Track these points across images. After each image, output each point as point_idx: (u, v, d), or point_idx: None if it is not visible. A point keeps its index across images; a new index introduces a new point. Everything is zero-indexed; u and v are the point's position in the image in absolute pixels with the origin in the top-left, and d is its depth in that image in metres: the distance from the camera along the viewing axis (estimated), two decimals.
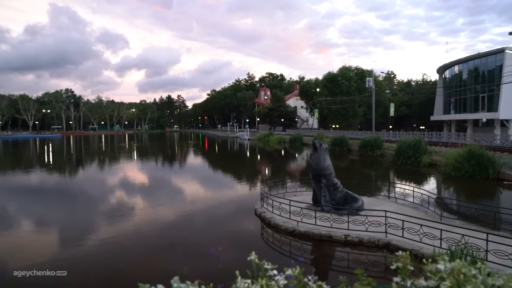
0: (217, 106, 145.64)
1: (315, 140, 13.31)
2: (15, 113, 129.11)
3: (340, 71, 67.07)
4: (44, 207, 15.21)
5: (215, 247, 9.84)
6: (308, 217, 10.33)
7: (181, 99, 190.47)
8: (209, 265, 8.46)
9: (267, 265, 1.69)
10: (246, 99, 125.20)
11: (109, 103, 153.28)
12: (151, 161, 36.09)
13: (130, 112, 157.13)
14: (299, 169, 28.35)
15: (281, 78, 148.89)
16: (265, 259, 4.37)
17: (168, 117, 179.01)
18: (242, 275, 1.68)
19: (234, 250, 9.60)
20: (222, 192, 18.18)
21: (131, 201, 15.92)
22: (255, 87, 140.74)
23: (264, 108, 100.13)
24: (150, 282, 1.54)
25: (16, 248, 9.72)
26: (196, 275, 7.68)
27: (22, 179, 23.68)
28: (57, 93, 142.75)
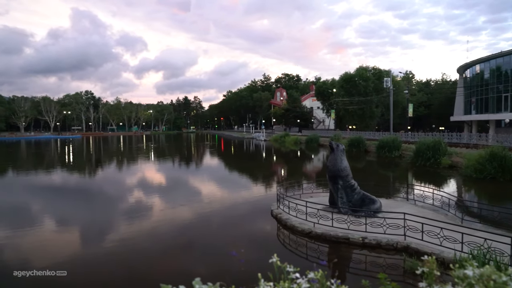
0: (233, 107, 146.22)
1: (331, 141, 13.18)
2: (37, 115, 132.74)
3: (357, 71, 66.30)
4: (66, 206, 15.55)
5: (232, 248, 9.85)
6: (324, 219, 10.22)
7: (197, 100, 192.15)
8: (226, 265, 8.48)
9: (289, 267, 1.67)
10: (262, 100, 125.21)
11: (127, 104, 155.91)
12: (168, 161, 36.49)
13: (147, 113, 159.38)
14: (315, 170, 28.14)
15: (297, 78, 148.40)
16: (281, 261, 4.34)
17: (185, 118, 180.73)
18: (263, 277, 1.66)
19: (250, 251, 9.58)
20: (238, 193, 18.20)
21: (149, 201, 16.11)
22: (271, 88, 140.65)
23: (280, 109, 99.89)
24: (168, 283, 1.54)
25: (38, 246, 9.96)
26: (214, 276, 7.71)
27: (45, 178, 24.29)
28: (77, 95, 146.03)
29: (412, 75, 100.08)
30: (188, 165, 33.55)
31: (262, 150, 52.33)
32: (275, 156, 44.14)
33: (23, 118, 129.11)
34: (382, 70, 67.42)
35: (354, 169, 12.52)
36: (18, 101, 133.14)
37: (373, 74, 66.64)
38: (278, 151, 48.92)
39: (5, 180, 24.45)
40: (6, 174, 27.40)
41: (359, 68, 67.15)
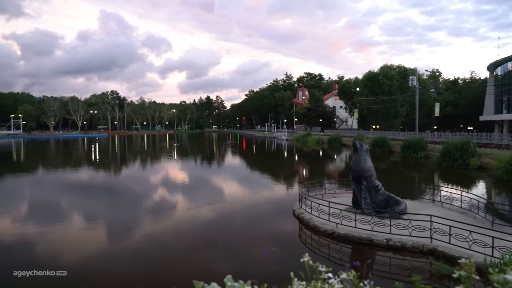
0: (255, 106, 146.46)
1: (355, 140, 12.98)
2: (65, 114, 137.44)
3: (381, 70, 65.02)
4: (93, 203, 16.00)
5: (254, 246, 9.87)
6: (347, 220, 10.08)
7: (219, 99, 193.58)
8: (249, 264, 8.50)
9: (321, 267, 1.66)
10: (284, 99, 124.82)
11: (151, 104, 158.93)
12: (191, 160, 36.93)
13: (170, 113, 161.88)
14: (338, 170, 27.80)
15: (320, 78, 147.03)
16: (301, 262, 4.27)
17: (207, 118, 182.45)
18: (289, 276, 1.64)
19: (272, 251, 9.56)
20: (259, 192, 18.21)
21: (172, 200, 16.36)
22: (293, 87, 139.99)
23: (302, 109, 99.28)
24: (188, 280, 1.54)
25: (67, 241, 10.29)
26: (237, 274, 7.73)
27: (73, 176, 25.09)
28: (103, 95, 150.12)
29: (439, 73, 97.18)
30: (210, 164, 33.85)
31: (283, 149, 52.17)
32: (296, 155, 43.90)
33: (53, 118, 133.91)
34: (408, 69, 65.84)
35: (378, 170, 12.28)
36: (48, 101, 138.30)
37: (398, 72, 65.17)
38: (300, 151, 48.64)
39: (36, 177, 25.41)
40: (37, 171, 28.48)
41: (383, 67, 65.82)
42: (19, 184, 22.14)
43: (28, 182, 22.67)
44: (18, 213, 14.00)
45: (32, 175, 26.14)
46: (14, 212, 14.12)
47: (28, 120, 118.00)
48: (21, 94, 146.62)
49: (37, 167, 31.13)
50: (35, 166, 31.90)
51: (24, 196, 18.06)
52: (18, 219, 13.01)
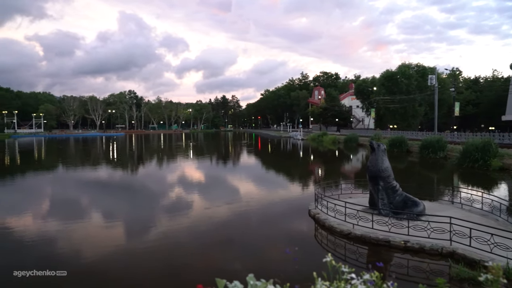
0: (270, 105, 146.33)
1: (372, 140, 12.81)
2: (85, 113, 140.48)
3: (399, 69, 64.00)
4: (110, 201, 16.30)
5: (270, 246, 9.87)
6: (364, 220, 9.96)
7: (235, 99, 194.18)
8: (266, 263, 8.50)
9: (344, 267, 1.64)
10: (299, 98, 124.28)
11: (167, 103, 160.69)
12: (207, 159, 37.18)
13: (187, 112, 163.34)
14: (354, 170, 27.51)
15: (336, 77, 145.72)
16: (319, 262, 4.26)
17: (223, 117, 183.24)
18: (310, 276, 1.63)
19: (295, 250, 9.54)
20: (275, 192, 18.19)
21: (187, 198, 16.51)
22: (308, 87, 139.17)
23: (318, 108, 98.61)
24: (208, 279, 1.55)
25: (85, 238, 10.51)
26: (253, 273, 7.74)
27: (91, 174, 25.61)
28: (121, 94, 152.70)
29: (459, 72, 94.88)
30: (226, 163, 33.99)
31: (299, 149, 51.95)
32: (312, 155, 43.66)
33: (72, 117, 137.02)
34: (426, 67, 64.61)
35: (396, 170, 12.09)
36: (67, 100, 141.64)
37: (416, 71, 64.04)
38: (316, 151, 48.34)
39: (57, 175, 26.03)
40: (57, 169, 29.19)
41: (401, 65, 64.78)
42: (40, 181, 22.74)
43: (49, 180, 23.26)
44: (39, 211, 14.38)
45: (53, 173, 26.80)
46: (35, 210, 14.51)
47: (49, 119, 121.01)
48: (42, 93, 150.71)
49: (58, 165, 31.90)
50: (55, 164, 32.71)
51: (45, 193, 18.54)
52: (39, 216, 13.36)
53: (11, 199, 16.49)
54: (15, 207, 14.77)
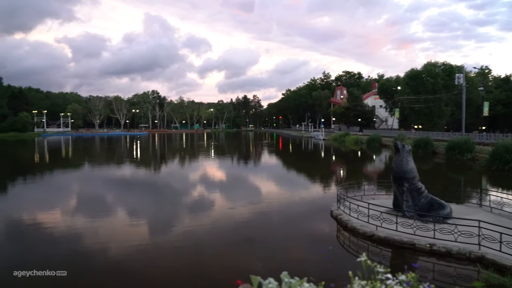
0: (292, 105, 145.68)
1: (397, 141, 12.54)
2: (110, 113, 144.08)
3: (424, 68, 62.36)
4: (135, 198, 16.64)
5: (291, 246, 9.83)
6: (388, 222, 9.77)
7: (256, 99, 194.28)
8: (287, 263, 8.47)
9: (379, 268, 1.63)
10: (321, 98, 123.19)
11: (189, 103, 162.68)
12: (228, 159, 37.41)
13: (208, 112, 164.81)
14: (377, 171, 27.03)
15: (359, 76, 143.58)
16: (340, 263, 4.20)
17: (244, 117, 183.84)
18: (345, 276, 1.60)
19: (310, 251, 9.48)
20: (296, 192, 18.10)
21: (209, 197, 16.66)
22: (330, 86, 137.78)
23: (340, 108, 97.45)
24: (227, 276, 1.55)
25: (111, 233, 10.79)
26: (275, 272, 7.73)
27: (116, 172, 26.26)
28: (144, 94, 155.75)
29: (488, 70, 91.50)
30: (247, 163, 34.10)
31: (320, 149, 51.51)
32: (334, 155, 43.20)
33: (98, 116, 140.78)
34: (454, 66, 62.66)
35: (421, 172, 11.79)
36: (93, 100, 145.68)
37: (443, 70, 62.21)
38: (338, 151, 47.80)
39: (84, 172, 26.81)
40: (84, 167, 30.07)
41: (427, 64, 63.08)
42: (68, 179, 23.48)
43: (76, 177, 24.00)
44: (67, 207, 14.85)
45: (80, 171, 27.62)
46: (64, 206, 15.00)
47: (75, 118, 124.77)
48: (70, 93, 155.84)
49: (85, 163, 32.86)
50: (83, 162, 33.70)
51: (73, 190, 19.13)
52: (68, 212, 13.80)
53: (42, 196, 17.12)
54: (46, 203, 15.33)
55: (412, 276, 1.52)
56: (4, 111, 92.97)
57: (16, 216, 13.09)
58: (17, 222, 12.33)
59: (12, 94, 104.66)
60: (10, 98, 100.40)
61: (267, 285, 1.43)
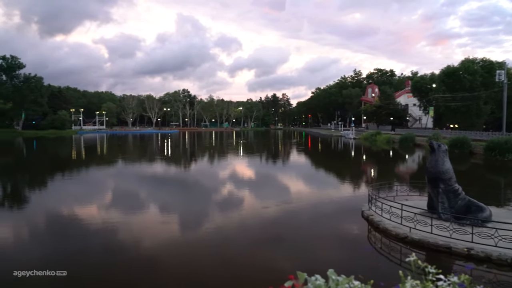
0: (321, 104, 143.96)
1: (432, 140, 12.10)
2: (142, 111, 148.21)
3: (461, 64, 59.71)
4: (166, 194, 17.04)
5: (322, 246, 9.71)
6: (422, 224, 9.44)
7: (285, 97, 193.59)
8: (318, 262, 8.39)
9: (430, 268, 1.61)
10: (352, 96, 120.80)
11: (219, 102, 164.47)
12: (257, 157, 37.51)
13: (237, 111, 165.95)
14: (410, 171, 26.22)
15: (391, 74, 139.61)
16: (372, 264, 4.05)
17: (273, 115, 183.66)
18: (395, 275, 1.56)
19: (341, 252, 9.34)
20: (325, 191, 17.88)
21: (237, 194, 16.78)
22: (361, 84, 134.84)
23: (371, 106, 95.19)
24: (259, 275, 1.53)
25: (141, 228, 11.10)
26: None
27: (149, 168, 26.99)
28: (175, 93, 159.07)
29: None
30: (276, 161, 34.04)
31: (351, 148, 50.61)
32: (365, 155, 42.31)
33: (131, 114, 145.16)
34: (494, 62, 59.61)
35: (457, 172, 11.30)
36: (127, 99, 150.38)
37: (482, 66, 59.31)
38: (369, 150, 46.78)
39: (118, 169, 27.75)
40: (118, 163, 31.12)
41: (464, 61, 60.38)
42: (104, 174, 24.40)
43: (111, 173, 24.89)
44: (103, 202, 15.43)
45: (115, 167, 28.61)
46: (99, 200, 15.59)
47: (110, 116, 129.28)
48: (105, 92, 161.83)
49: (119, 160, 33.99)
50: (117, 159, 34.88)
51: (108, 186, 19.86)
52: (103, 206, 14.33)
53: (80, 191, 17.87)
54: (83, 198, 15.99)
55: (466, 278, 1.46)
56: (45, 109, 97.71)
57: (55, 210, 13.75)
58: (57, 215, 12.95)
59: (52, 93, 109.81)
60: (50, 97, 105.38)
61: (314, 282, 1.42)
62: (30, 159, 36.49)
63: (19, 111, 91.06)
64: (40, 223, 12.15)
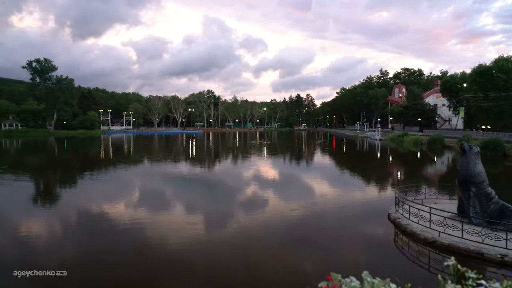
0: (346, 104, 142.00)
1: (463, 142, 11.68)
2: (167, 112, 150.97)
3: (495, 63, 57.32)
4: (191, 194, 17.27)
5: (347, 248, 9.57)
6: (452, 229, 9.14)
7: (309, 98, 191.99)
8: (344, 264, 8.27)
9: (471, 273, 1.57)
10: (378, 97, 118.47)
11: (243, 102, 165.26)
12: (280, 158, 37.40)
13: (261, 111, 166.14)
14: (439, 174, 25.43)
15: (419, 73, 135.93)
16: (398, 269, 3.93)
17: (297, 116, 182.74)
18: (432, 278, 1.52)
19: (366, 255, 9.17)
20: (350, 193, 17.62)
21: (261, 195, 16.78)
22: (388, 84, 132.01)
23: (398, 107, 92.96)
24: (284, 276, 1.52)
25: (167, 227, 11.30)
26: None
27: (174, 168, 27.45)
28: (200, 94, 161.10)
29: None
30: (299, 162, 33.83)
31: (376, 150, 49.62)
32: (391, 156, 41.37)
33: (157, 115, 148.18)
34: None
35: (490, 175, 10.86)
36: (153, 100, 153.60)
37: None
38: (395, 152, 45.71)
39: (144, 168, 28.38)
40: (145, 163, 31.82)
41: (497, 59, 57.92)
42: (131, 174, 25.01)
43: (138, 172, 25.48)
44: (130, 200, 15.81)
45: (141, 166, 29.29)
46: (127, 199, 15.99)
47: (137, 117, 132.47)
48: (132, 94, 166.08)
49: (146, 159, 34.76)
50: (144, 158, 35.69)
51: (135, 185, 20.33)
52: (131, 205, 14.68)
53: (108, 189, 18.40)
54: (111, 195, 16.46)
55: (509, 284, 1.39)
56: (75, 110, 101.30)
57: (84, 208, 14.21)
58: (86, 212, 13.38)
59: (82, 94, 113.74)
60: (80, 98, 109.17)
61: (349, 283, 1.39)
62: (62, 158, 37.90)
63: (51, 112, 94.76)
64: (70, 220, 12.59)
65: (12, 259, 8.70)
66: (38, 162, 33.40)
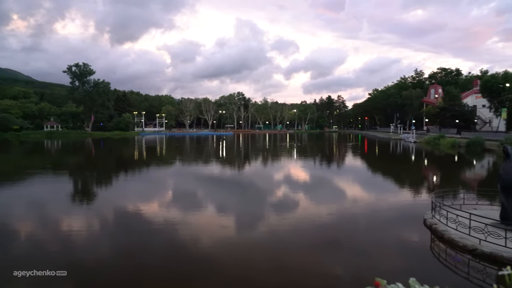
0: (379, 106, 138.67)
1: (506, 145, 11.06)
2: (199, 114, 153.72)
3: None
4: (221, 195, 17.43)
5: (381, 253, 9.30)
6: (494, 236, 8.67)
7: (341, 99, 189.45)
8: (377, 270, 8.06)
9: None
10: (412, 98, 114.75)
11: (273, 104, 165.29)
12: (311, 160, 37.04)
13: (291, 113, 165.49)
14: (479, 178, 24.24)
15: (457, 73, 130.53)
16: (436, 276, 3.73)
17: (327, 118, 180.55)
18: None
19: (401, 261, 8.88)
20: (384, 197, 17.14)
21: (291, 198, 16.68)
22: (423, 85, 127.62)
23: (434, 108, 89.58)
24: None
25: (198, 227, 11.46)
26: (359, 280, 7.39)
27: (205, 169, 27.86)
28: (230, 96, 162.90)
29: None
30: (330, 165, 33.35)
31: (411, 152, 48.04)
32: (427, 160, 39.92)
33: (188, 117, 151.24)
34: None
35: None
36: (185, 102, 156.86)
37: None
38: (431, 155, 44.06)
39: (177, 169, 29.00)
40: (177, 164, 32.51)
41: None
42: (163, 174, 25.65)
43: (170, 173, 26.11)
44: (162, 200, 16.19)
45: (173, 167, 29.98)
46: (159, 199, 16.39)
47: (169, 119, 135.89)
48: (164, 96, 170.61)
49: (178, 160, 35.54)
50: (176, 159, 36.50)
51: (167, 185, 20.82)
52: (164, 205, 15.04)
53: (141, 188, 18.93)
54: (144, 195, 16.92)
55: None
56: (111, 112, 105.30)
57: (119, 206, 14.68)
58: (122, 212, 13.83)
59: (118, 97, 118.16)
60: (116, 100, 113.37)
61: None
62: (99, 158, 39.44)
63: (89, 114, 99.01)
64: (105, 219, 13.04)
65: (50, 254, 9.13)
66: (77, 162, 34.98)
